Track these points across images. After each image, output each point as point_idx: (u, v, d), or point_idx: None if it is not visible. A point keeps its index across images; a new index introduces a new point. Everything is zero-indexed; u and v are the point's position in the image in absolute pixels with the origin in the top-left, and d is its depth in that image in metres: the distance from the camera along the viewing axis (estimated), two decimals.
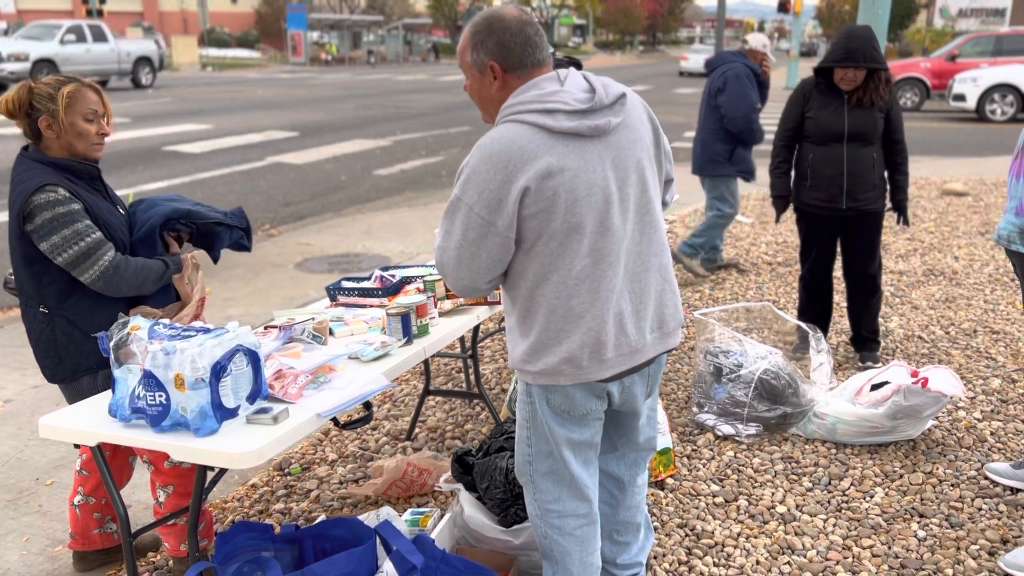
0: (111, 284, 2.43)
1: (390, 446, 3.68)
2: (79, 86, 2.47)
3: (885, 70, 4.02)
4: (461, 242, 1.97)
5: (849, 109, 4.06)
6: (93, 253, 2.39)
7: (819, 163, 4.16)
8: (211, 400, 2.04)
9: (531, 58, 2.01)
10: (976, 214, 8.00)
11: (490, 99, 2.07)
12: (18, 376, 4.44)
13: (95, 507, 2.74)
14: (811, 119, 4.16)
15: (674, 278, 2.19)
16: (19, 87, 2.44)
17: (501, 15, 2.01)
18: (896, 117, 4.12)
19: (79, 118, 2.46)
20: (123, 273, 2.43)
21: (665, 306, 2.14)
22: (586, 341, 2.01)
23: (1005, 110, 16.51)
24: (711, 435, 3.65)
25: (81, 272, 2.40)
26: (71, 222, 2.37)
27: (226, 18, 62.98)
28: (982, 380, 4.19)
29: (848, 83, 4.01)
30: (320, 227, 7.89)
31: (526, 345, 2.06)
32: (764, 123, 6.32)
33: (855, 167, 4.09)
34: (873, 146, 4.10)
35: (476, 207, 1.93)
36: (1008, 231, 2.89)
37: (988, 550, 2.83)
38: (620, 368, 2.07)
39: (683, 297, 5.55)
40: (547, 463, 2.19)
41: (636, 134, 2.05)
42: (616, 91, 2.02)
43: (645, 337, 2.10)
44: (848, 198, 4.13)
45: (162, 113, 17.38)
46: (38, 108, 2.43)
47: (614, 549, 2.42)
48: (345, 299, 3.12)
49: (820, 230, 4.30)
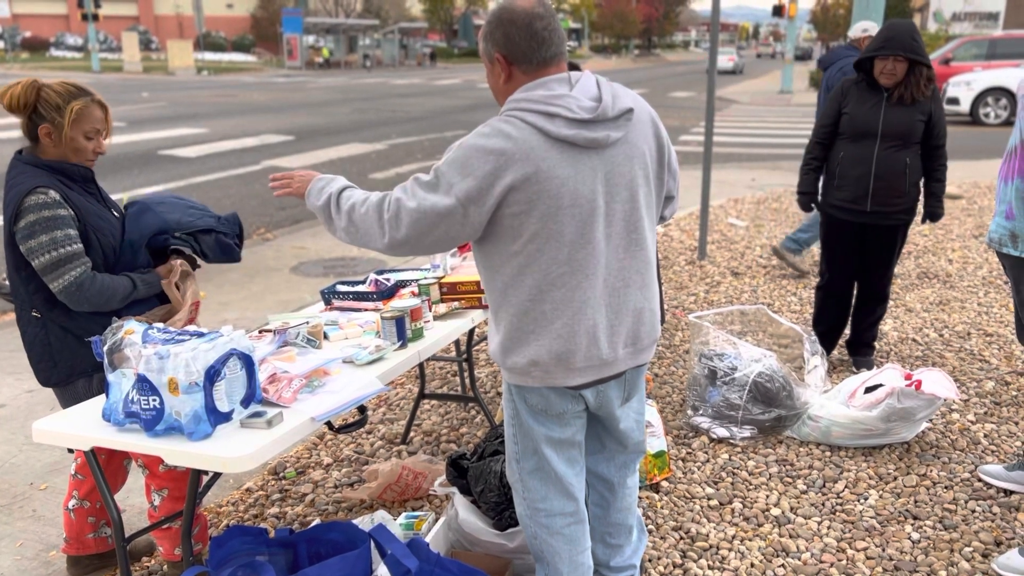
0: (72, 299, 2.41)
1: (385, 450, 3.68)
2: (87, 102, 2.45)
3: (927, 66, 3.87)
4: (427, 212, 1.94)
5: (888, 107, 3.93)
6: (63, 264, 2.37)
7: (848, 161, 4.03)
8: (205, 404, 2.04)
9: (537, 54, 1.97)
10: (970, 217, 8.03)
11: (499, 90, 2.06)
12: (12, 381, 4.43)
13: (89, 511, 2.73)
14: (847, 115, 4.02)
15: (656, 296, 2.18)
16: (27, 86, 2.41)
17: (511, 7, 1.97)
18: (938, 122, 3.94)
19: (80, 135, 2.46)
20: (85, 291, 2.40)
21: (642, 323, 2.13)
22: (553, 347, 2.01)
23: (999, 113, 16.58)
24: (706, 438, 3.66)
25: (49, 281, 2.39)
26: (51, 228, 2.36)
27: (222, 22, 62.94)
28: (976, 383, 4.20)
29: (888, 76, 3.88)
30: (315, 231, 7.89)
31: (498, 339, 2.09)
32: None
33: (884, 169, 3.95)
34: (908, 150, 3.94)
35: (456, 189, 1.92)
36: (999, 234, 2.90)
37: (982, 552, 2.84)
38: (589, 378, 2.08)
39: (678, 300, 5.57)
40: (533, 460, 2.20)
41: (635, 151, 2.03)
42: (623, 105, 2.00)
43: (617, 351, 2.09)
44: (873, 201, 3.99)
45: (157, 117, 17.37)
46: (42, 115, 2.42)
47: (607, 552, 2.42)
48: (340, 303, 3.12)
49: (842, 234, 4.17)
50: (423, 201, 1.95)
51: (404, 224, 1.97)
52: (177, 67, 38.43)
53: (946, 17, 33.19)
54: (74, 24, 55.50)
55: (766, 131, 16.40)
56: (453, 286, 3.10)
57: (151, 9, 61.62)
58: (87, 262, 2.41)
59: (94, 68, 37.10)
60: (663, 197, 2.20)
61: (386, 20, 58.34)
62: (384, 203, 2.01)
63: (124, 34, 41.03)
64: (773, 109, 21.79)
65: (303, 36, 45.05)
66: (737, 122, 18.21)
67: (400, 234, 1.98)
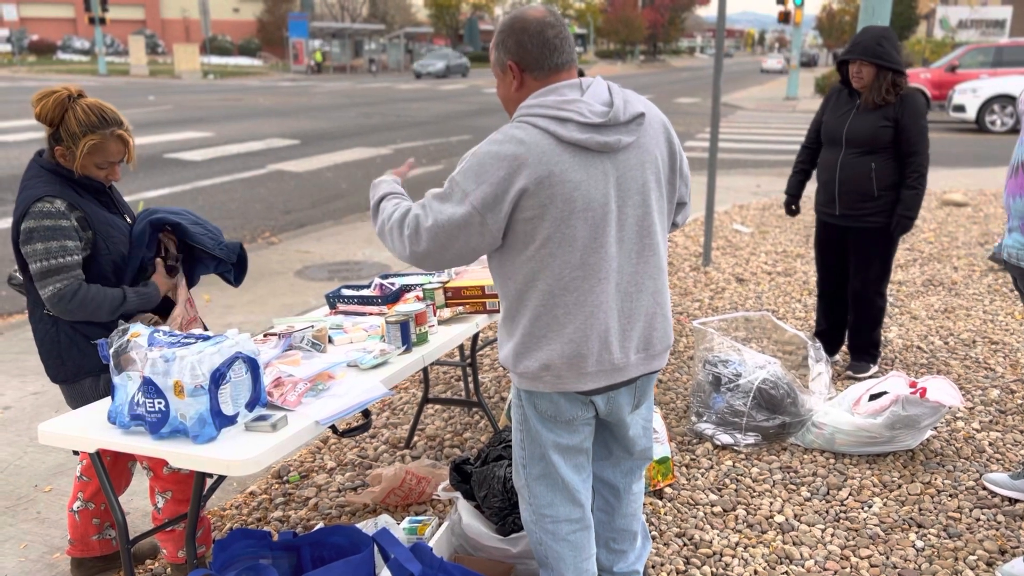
0: (56, 308, 2.43)
1: (389, 454, 3.68)
2: (105, 137, 2.47)
3: (894, 71, 3.88)
4: (444, 224, 1.97)
5: (856, 113, 4.01)
6: (52, 275, 2.40)
7: (821, 167, 4.23)
8: (210, 407, 2.05)
9: (549, 60, 2.00)
10: (976, 225, 8.02)
11: (509, 98, 2.08)
12: (17, 383, 4.44)
13: (94, 513, 2.74)
14: (824, 122, 4.19)
15: (668, 302, 2.19)
16: (57, 101, 2.43)
17: (523, 15, 2.01)
18: (908, 127, 3.90)
19: (92, 165, 2.50)
20: (67, 303, 2.41)
21: (654, 329, 2.13)
22: (566, 351, 2.02)
23: (1005, 121, 16.55)
24: (710, 444, 3.65)
25: (38, 288, 2.43)
26: (48, 238, 2.40)
27: (228, 26, 63.16)
28: (981, 390, 4.19)
29: (856, 80, 3.97)
30: (320, 235, 7.90)
31: (511, 345, 2.09)
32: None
33: (847, 174, 4.06)
34: (874, 155, 3.98)
35: (471, 197, 1.94)
36: (1017, 249, 2.87)
37: (986, 560, 2.83)
38: (600, 383, 2.08)
39: (683, 307, 5.56)
40: (539, 466, 2.20)
41: (647, 156, 2.04)
42: (635, 110, 2.01)
43: (629, 356, 2.09)
44: (841, 205, 4.11)
45: (164, 120, 17.42)
46: (60, 136, 2.46)
47: (611, 557, 2.42)
48: (344, 307, 3.12)
49: (822, 236, 4.34)
50: (439, 214, 1.98)
51: (424, 239, 2.00)
52: (183, 71, 38.57)
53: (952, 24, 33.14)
54: (81, 27, 55.76)
55: (771, 137, 16.40)
56: (458, 291, 3.11)
57: (158, 13, 61.87)
58: (77, 275, 2.43)
59: (101, 71, 37.26)
60: (675, 203, 2.21)
61: (392, 25, 58.50)
62: (405, 219, 2.05)
63: (131, 37, 41.21)
64: (778, 115, 21.78)
65: (309, 40, 45.21)
66: (742, 128, 18.21)
67: (421, 248, 2.02)
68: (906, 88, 3.95)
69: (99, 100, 2.53)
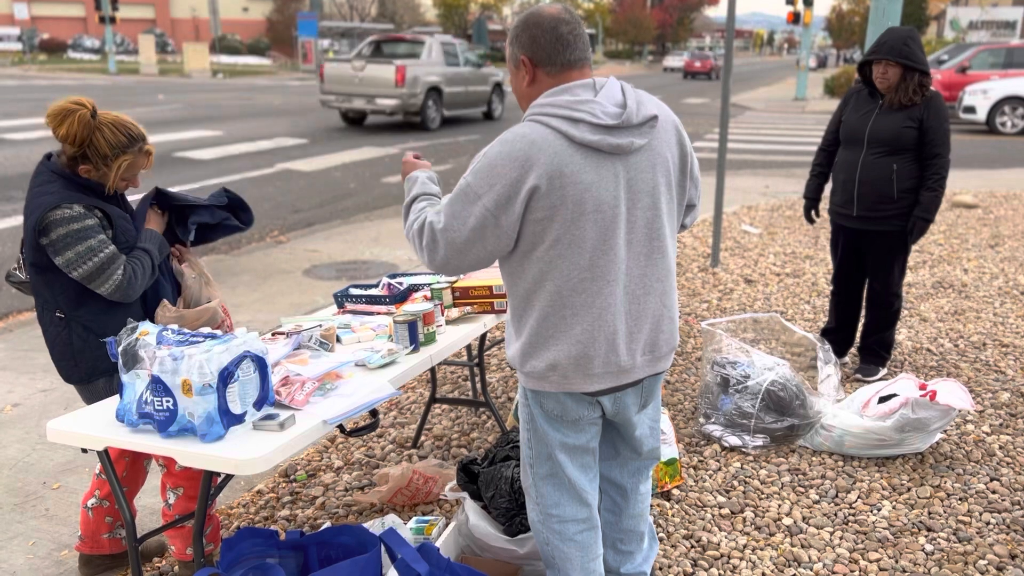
0: (127, 295, 2.48)
1: (396, 454, 3.68)
2: (135, 155, 2.52)
3: (921, 72, 3.86)
4: (460, 229, 1.97)
5: (879, 113, 3.98)
6: (107, 268, 2.43)
7: (839, 167, 4.18)
8: (218, 406, 2.05)
9: (562, 56, 2.00)
10: (986, 227, 7.97)
11: (522, 94, 2.08)
12: (26, 380, 4.46)
13: (108, 511, 2.75)
14: (844, 122, 4.15)
15: (676, 304, 2.18)
16: (83, 123, 2.42)
17: (538, 11, 2.02)
18: (933, 129, 3.88)
19: (119, 180, 2.54)
20: (128, 288, 2.47)
21: (661, 331, 2.13)
22: (572, 352, 2.02)
23: (1015, 122, 16.46)
24: (717, 446, 3.64)
25: (97, 286, 2.44)
26: (85, 238, 2.41)
27: (237, 26, 63.35)
28: (991, 393, 4.17)
29: (881, 81, 3.92)
30: (328, 234, 7.91)
31: (518, 345, 2.10)
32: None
33: (868, 175, 4.02)
34: (897, 156, 3.95)
35: (484, 198, 1.94)
36: None
37: (996, 565, 2.81)
38: (606, 384, 2.08)
39: (691, 307, 5.55)
40: (547, 466, 2.20)
41: (659, 158, 2.04)
42: (648, 112, 2.00)
43: (635, 358, 2.09)
44: (859, 206, 4.08)
45: (173, 119, 17.48)
46: (88, 157, 2.46)
47: (618, 558, 2.42)
48: (352, 306, 3.12)
49: (838, 238, 4.31)
50: (453, 219, 1.98)
51: (441, 247, 2.01)
52: (193, 70, 38.67)
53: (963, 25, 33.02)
54: (91, 26, 55.95)
55: (780, 138, 16.35)
56: (465, 291, 3.10)
57: (168, 12, 62.09)
58: (121, 260, 2.47)
59: (111, 70, 37.38)
60: (684, 205, 2.20)
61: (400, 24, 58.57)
62: (424, 228, 2.05)
63: (141, 36, 41.33)
64: (787, 116, 21.72)
65: (318, 40, 45.28)
66: (751, 129, 18.16)
67: (439, 256, 2.03)
68: (931, 90, 3.94)
69: (117, 114, 2.54)
